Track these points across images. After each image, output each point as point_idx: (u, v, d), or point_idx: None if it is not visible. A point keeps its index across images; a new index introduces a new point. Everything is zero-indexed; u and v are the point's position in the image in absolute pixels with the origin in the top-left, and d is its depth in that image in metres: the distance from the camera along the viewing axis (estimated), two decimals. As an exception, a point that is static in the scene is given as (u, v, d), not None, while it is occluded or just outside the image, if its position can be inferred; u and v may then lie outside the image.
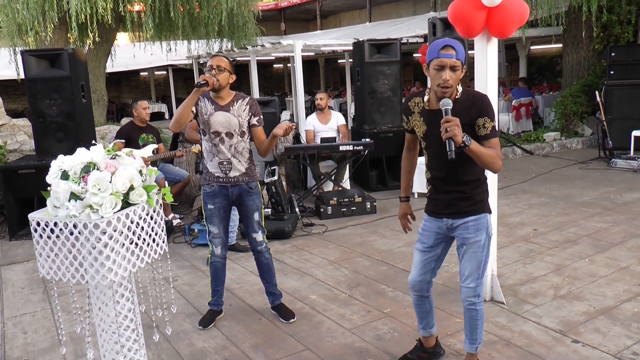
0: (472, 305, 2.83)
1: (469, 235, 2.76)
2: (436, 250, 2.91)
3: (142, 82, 24.74)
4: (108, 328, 2.23)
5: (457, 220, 2.77)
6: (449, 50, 2.53)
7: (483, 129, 2.58)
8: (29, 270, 5.18)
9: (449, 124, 2.41)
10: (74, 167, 2.02)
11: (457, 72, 2.56)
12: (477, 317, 2.85)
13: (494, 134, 2.59)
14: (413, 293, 3.02)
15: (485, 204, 2.81)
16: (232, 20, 11.32)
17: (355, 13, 21.80)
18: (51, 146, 6.24)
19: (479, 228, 2.76)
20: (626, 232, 5.32)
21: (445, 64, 2.53)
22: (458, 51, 2.55)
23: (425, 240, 2.91)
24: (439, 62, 2.54)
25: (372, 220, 6.27)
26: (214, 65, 3.54)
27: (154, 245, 2.23)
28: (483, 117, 2.58)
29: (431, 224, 2.89)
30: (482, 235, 2.77)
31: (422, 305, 3.05)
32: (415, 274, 2.95)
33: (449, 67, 2.53)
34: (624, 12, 10.30)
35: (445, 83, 2.54)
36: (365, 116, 7.87)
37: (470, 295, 2.81)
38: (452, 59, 2.53)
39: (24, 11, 8.97)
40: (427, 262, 2.92)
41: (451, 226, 2.80)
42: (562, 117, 11.00)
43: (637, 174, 7.89)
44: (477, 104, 2.61)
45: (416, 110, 2.80)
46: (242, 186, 3.69)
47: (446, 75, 2.53)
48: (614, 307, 3.75)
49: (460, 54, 2.55)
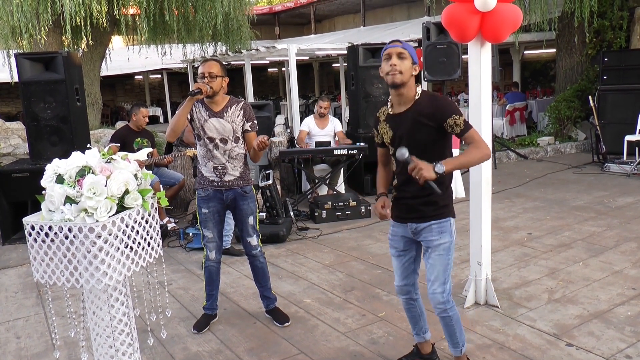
0: (444, 313, 2.82)
1: (433, 238, 2.78)
2: (410, 252, 2.95)
3: (136, 86, 24.69)
4: (102, 332, 2.22)
5: (421, 224, 2.80)
6: (395, 42, 2.70)
7: (456, 127, 2.62)
8: (22, 274, 5.16)
9: (416, 170, 2.44)
10: (69, 171, 2.01)
11: (405, 62, 2.65)
12: (452, 322, 2.86)
13: (467, 126, 2.63)
14: (401, 297, 3.05)
15: (450, 209, 2.83)
16: (227, 24, 11.32)
17: (350, 17, 21.86)
18: (45, 150, 6.22)
19: (443, 231, 2.78)
20: (620, 236, 5.34)
21: (391, 53, 2.67)
22: (404, 44, 2.68)
23: (396, 245, 2.95)
24: (386, 53, 2.70)
25: (366, 224, 6.28)
26: (206, 72, 3.54)
27: (149, 249, 2.22)
28: (451, 117, 2.62)
29: (397, 228, 2.93)
30: (446, 238, 2.78)
31: (412, 309, 3.06)
32: (399, 278, 2.99)
33: (395, 54, 2.65)
34: (616, 17, 10.38)
35: (393, 69, 2.63)
36: (360, 120, 7.88)
37: (439, 302, 2.79)
38: (397, 48, 2.67)
39: (18, 14, 8.92)
40: (406, 265, 2.96)
41: (416, 230, 2.83)
42: (556, 122, 11.06)
43: (630, 179, 7.93)
44: (439, 107, 2.65)
45: (382, 118, 2.88)
46: (236, 190, 3.69)
47: (393, 60, 2.64)
48: (608, 310, 3.76)
49: (406, 46, 2.68)
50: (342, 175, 7.40)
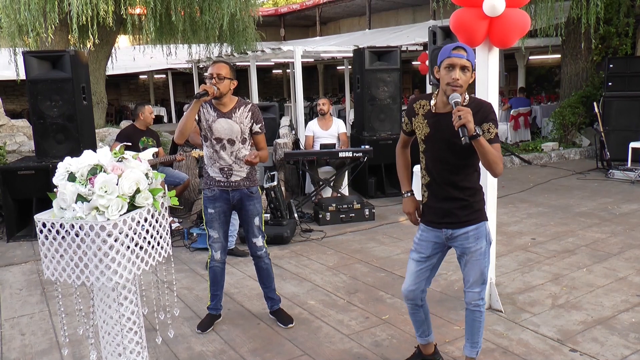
0: (477, 308, 2.87)
1: (470, 245, 2.78)
2: (432, 260, 2.91)
3: (141, 85, 24.76)
4: (111, 330, 2.23)
5: (457, 230, 2.78)
6: (460, 51, 2.60)
7: (488, 134, 2.62)
8: (27, 271, 5.18)
9: (462, 112, 2.45)
10: (81, 169, 2.02)
11: (466, 74, 2.62)
12: (481, 318, 2.89)
13: (497, 139, 2.64)
14: (407, 302, 3.01)
15: (483, 213, 2.83)
16: (233, 25, 11.36)
17: (355, 20, 21.89)
18: (51, 148, 6.25)
19: (479, 236, 2.78)
20: (624, 243, 5.34)
21: (455, 64, 2.59)
22: (469, 53, 2.62)
23: (422, 251, 2.89)
24: (450, 62, 2.60)
25: (370, 227, 6.28)
26: (214, 73, 3.52)
27: (159, 249, 2.24)
28: (488, 123, 2.63)
29: (428, 233, 2.88)
30: (482, 243, 2.79)
31: (417, 314, 3.04)
32: (409, 283, 2.94)
33: (459, 66, 2.59)
34: (622, 24, 10.38)
35: (455, 82, 2.58)
36: (365, 123, 7.90)
37: (475, 299, 2.85)
38: (462, 59, 2.59)
39: (26, 12, 8.97)
40: (422, 271, 2.91)
41: (450, 236, 2.81)
42: (560, 128, 11.06)
43: (634, 186, 7.93)
44: (482, 110, 2.65)
45: (421, 112, 2.82)
46: (243, 190, 3.70)
47: (456, 74, 2.58)
48: (612, 317, 3.76)
49: (470, 56, 2.62)
50: (347, 178, 7.41)
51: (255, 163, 3.59)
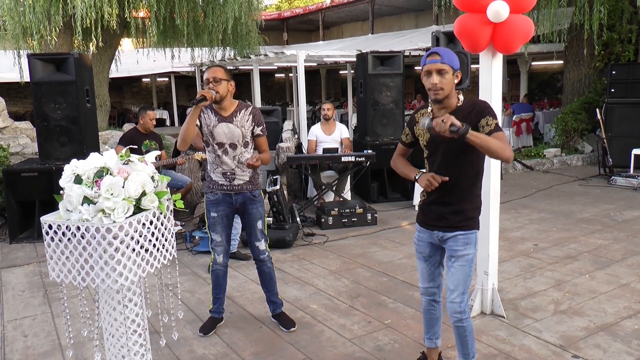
0: (459, 322, 2.85)
1: (458, 248, 2.80)
2: (435, 257, 2.98)
3: (144, 88, 24.80)
4: (115, 332, 2.24)
5: (447, 233, 2.82)
6: (434, 57, 2.67)
7: (487, 127, 2.64)
8: (29, 273, 5.18)
9: (438, 121, 2.44)
10: (87, 172, 2.03)
11: (446, 77, 2.65)
12: (466, 332, 2.88)
13: (497, 128, 2.64)
14: (425, 298, 3.08)
15: (476, 221, 2.86)
16: (236, 29, 11.39)
17: (358, 25, 21.92)
18: (54, 150, 6.27)
19: (468, 242, 2.81)
20: (626, 249, 5.34)
21: (431, 69, 2.67)
22: (443, 56, 2.65)
23: (422, 250, 2.99)
24: (426, 69, 2.69)
25: (372, 232, 6.28)
26: (210, 78, 3.51)
27: (164, 251, 2.25)
28: (485, 117, 2.65)
29: (423, 234, 2.96)
30: (470, 250, 2.82)
31: (432, 311, 3.09)
32: (425, 280, 3.04)
33: (435, 71, 2.65)
34: (624, 30, 10.39)
35: (435, 87, 2.65)
36: (368, 128, 7.91)
37: (456, 311, 2.83)
38: (436, 64, 2.65)
39: (30, 14, 9.00)
40: (432, 268, 3.01)
41: (442, 238, 2.86)
42: (563, 134, 11.06)
43: (636, 192, 7.92)
44: (477, 108, 2.69)
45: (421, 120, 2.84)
46: (246, 194, 3.70)
47: (434, 80, 2.65)
48: (615, 323, 3.76)
49: (446, 59, 2.65)
50: (349, 182, 7.41)
51: (258, 166, 3.60)
